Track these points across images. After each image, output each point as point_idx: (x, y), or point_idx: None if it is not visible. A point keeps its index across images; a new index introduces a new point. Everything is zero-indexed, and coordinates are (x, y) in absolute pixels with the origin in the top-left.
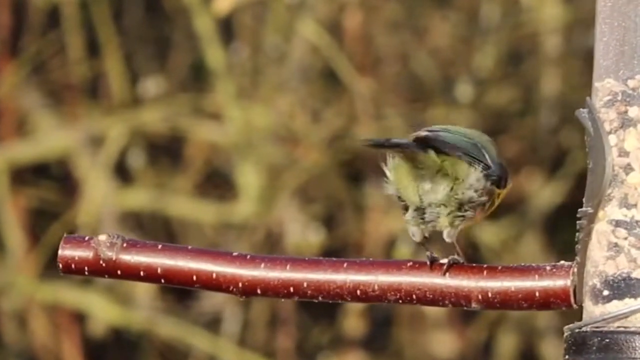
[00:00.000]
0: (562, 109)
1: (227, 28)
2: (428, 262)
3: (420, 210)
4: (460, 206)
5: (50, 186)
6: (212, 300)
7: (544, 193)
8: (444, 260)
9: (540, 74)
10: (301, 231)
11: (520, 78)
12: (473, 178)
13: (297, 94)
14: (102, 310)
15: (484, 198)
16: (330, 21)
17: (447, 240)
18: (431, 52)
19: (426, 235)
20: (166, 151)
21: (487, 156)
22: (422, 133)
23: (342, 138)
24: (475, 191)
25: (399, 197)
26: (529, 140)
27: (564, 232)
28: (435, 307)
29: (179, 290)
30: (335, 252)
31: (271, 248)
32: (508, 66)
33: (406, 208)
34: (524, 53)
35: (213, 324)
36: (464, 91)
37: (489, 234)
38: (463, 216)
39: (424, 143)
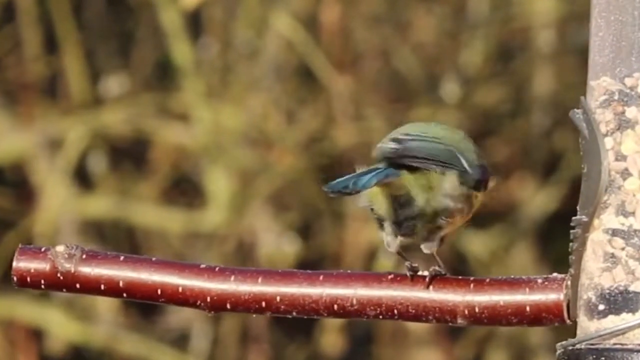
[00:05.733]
0: (555, 110)
1: (195, 22)
2: (408, 274)
3: (396, 224)
4: (436, 216)
5: (4, 193)
6: (179, 316)
7: (537, 200)
8: (426, 272)
9: (532, 71)
10: (275, 241)
11: (510, 76)
12: (447, 186)
13: (271, 93)
14: (61, 326)
15: (460, 205)
16: (306, 15)
17: (426, 251)
18: (415, 48)
19: (401, 244)
20: (130, 155)
21: (463, 160)
22: (391, 145)
23: (319, 140)
24: (452, 199)
25: (372, 210)
26: (520, 143)
27: (557, 242)
28: (419, 323)
29: (143, 305)
30: (312, 264)
31: (243, 259)
32: (498, 63)
33: (380, 221)
34: (514, 49)
35: (180, 341)
36: (450, 90)
37: (478, 245)
38: (440, 226)
39: (392, 158)
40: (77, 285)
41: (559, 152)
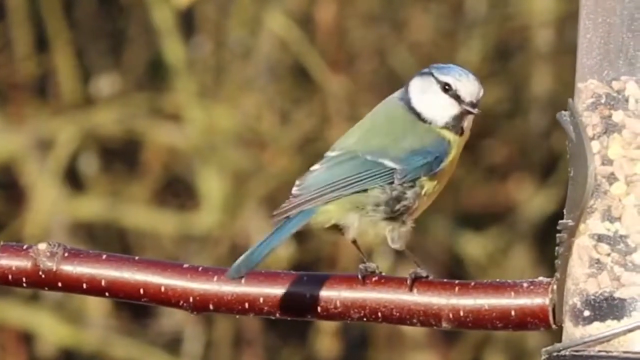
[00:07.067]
0: (554, 110)
1: (187, 21)
2: (359, 275)
3: (354, 243)
4: (383, 220)
5: None
6: (171, 319)
7: (535, 201)
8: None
9: (530, 71)
10: None
11: (508, 76)
12: (372, 200)
13: (265, 93)
14: (52, 329)
15: (404, 203)
16: (300, 13)
17: (394, 247)
18: (411, 47)
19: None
20: (121, 156)
21: (386, 161)
22: (293, 191)
23: (314, 141)
24: (386, 205)
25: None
26: (518, 143)
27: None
28: (415, 326)
29: (135, 308)
30: (307, 266)
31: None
32: (495, 63)
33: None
34: (512, 48)
35: (173, 344)
36: None
37: (474, 247)
38: (394, 224)
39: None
40: (59, 284)
41: (557, 152)
